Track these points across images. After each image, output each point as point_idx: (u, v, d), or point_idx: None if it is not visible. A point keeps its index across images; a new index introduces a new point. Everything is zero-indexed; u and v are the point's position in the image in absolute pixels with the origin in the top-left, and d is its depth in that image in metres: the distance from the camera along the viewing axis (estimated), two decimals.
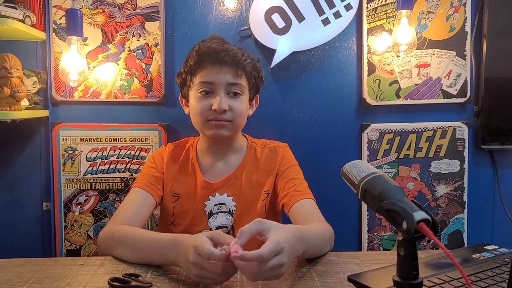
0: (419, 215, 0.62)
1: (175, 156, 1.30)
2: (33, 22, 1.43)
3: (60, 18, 1.51)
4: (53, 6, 1.51)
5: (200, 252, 0.80)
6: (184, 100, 1.30)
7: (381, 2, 1.55)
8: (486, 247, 1.00)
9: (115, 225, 1.09)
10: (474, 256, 0.95)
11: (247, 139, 1.34)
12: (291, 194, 1.19)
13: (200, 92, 1.19)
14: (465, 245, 1.62)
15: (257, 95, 1.32)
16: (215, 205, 1.24)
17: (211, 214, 1.24)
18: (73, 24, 1.36)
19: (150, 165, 1.29)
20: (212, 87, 1.18)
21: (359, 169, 0.74)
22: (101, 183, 1.55)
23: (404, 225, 0.63)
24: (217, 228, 1.23)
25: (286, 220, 1.24)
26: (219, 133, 1.20)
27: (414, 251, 0.65)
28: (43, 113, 1.52)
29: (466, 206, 1.61)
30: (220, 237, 0.84)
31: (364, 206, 1.62)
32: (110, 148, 1.54)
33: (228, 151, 1.28)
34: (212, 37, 1.25)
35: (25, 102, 1.43)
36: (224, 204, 1.24)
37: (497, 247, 1.01)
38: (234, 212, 1.24)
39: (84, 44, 1.51)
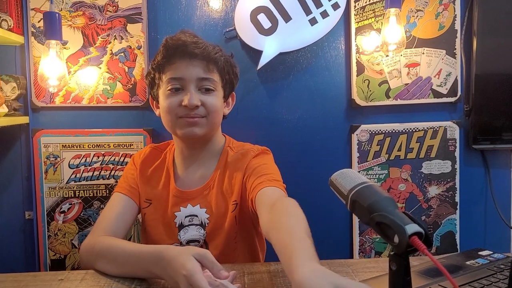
0: (412, 228, 0.59)
1: (151, 158, 1.22)
2: (10, 26, 1.38)
3: (38, 21, 1.46)
4: (31, 9, 1.46)
5: (193, 284, 0.74)
6: (154, 102, 1.19)
7: (369, 1, 1.52)
8: (480, 253, 0.98)
9: (96, 236, 1.04)
10: (468, 263, 0.92)
11: (225, 141, 1.22)
12: (253, 187, 1.05)
13: (169, 89, 1.09)
14: (458, 246, 1.60)
15: (233, 92, 1.22)
16: (186, 217, 1.14)
17: (181, 226, 1.14)
18: (52, 27, 1.31)
19: (129, 167, 1.22)
20: (182, 83, 1.08)
21: (348, 178, 0.70)
22: (85, 191, 1.50)
23: (396, 239, 0.60)
24: (188, 242, 1.13)
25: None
26: (191, 131, 1.09)
27: (406, 266, 0.61)
28: (23, 119, 1.47)
29: (458, 207, 1.59)
30: (209, 263, 0.78)
31: None
32: (94, 154, 1.50)
33: (201, 153, 1.17)
34: (182, 31, 1.13)
35: (3, 109, 1.38)
36: (196, 216, 1.14)
37: (491, 252, 0.98)
38: (206, 225, 1.13)
39: (64, 48, 1.46)
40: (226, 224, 1.13)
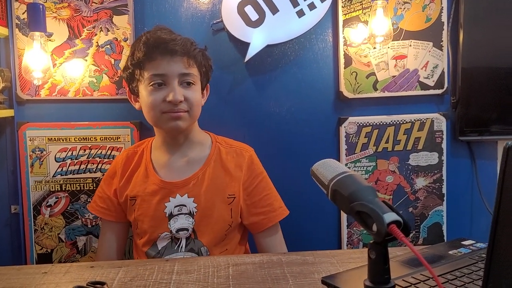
0: (390, 216, 0.60)
1: (128, 161, 1.28)
2: None
3: (23, 13, 1.44)
4: (16, 0, 1.44)
5: None
6: (132, 96, 1.25)
7: None
8: (463, 243, 0.99)
9: None
10: (450, 252, 0.93)
11: (210, 137, 1.30)
12: (264, 217, 1.23)
13: (152, 85, 1.15)
14: (445, 237, 1.61)
15: (208, 84, 1.30)
16: (175, 207, 1.19)
17: (171, 216, 1.20)
18: (36, 19, 1.29)
19: (102, 185, 1.31)
20: (164, 78, 1.14)
21: (329, 168, 0.70)
22: (72, 184, 1.49)
23: (374, 228, 0.60)
24: (178, 230, 1.19)
25: None
26: (176, 125, 1.16)
27: (385, 254, 0.62)
28: (8, 112, 1.45)
29: (445, 198, 1.60)
30: None
31: None
32: (80, 147, 1.49)
33: (183, 144, 1.24)
34: (158, 27, 1.20)
35: None
36: (185, 205, 1.20)
37: (474, 242, 0.99)
38: (195, 214, 1.20)
39: (49, 40, 1.45)
40: (217, 214, 1.20)
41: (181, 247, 1.20)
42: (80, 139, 1.48)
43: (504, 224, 0.56)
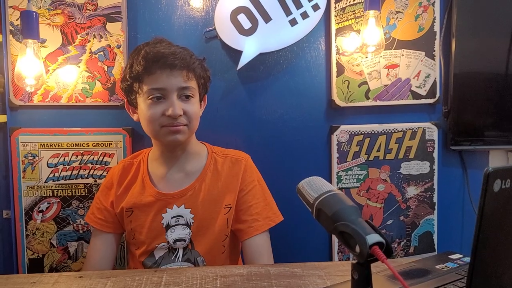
0: (373, 238, 0.60)
1: (124, 173, 1.27)
2: None
3: (17, 19, 1.44)
4: (10, 7, 1.44)
5: None
6: (131, 107, 1.25)
7: (349, 2, 1.52)
8: (450, 256, 0.99)
9: None
10: (437, 267, 0.93)
11: (206, 147, 1.30)
12: (249, 226, 1.21)
13: (150, 99, 1.14)
14: (436, 246, 1.62)
15: (205, 94, 1.29)
16: (172, 218, 1.20)
17: (168, 226, 1.20)
18: (29, 26, 1.29)
19: (98, 196, 1.29)
20: (164, 92, 1.13)
21: (315, 186, 0.71)
22: (64, 190, 1.49)
23: (357, 249, 0.61)
24: (175, 241, 1.20)
25: None
26: (175, 139, 1.15)
27: (368, 275, 0.63)
28: (1, 118, 1.45)
29: (436, 207, 1.61)
30: None
31: None
32: (72, 153, 1.49)
33: (181, 157, 1.23)
34: (157, 39, 1.19)
35: None
36: (182, 216, 1.20)
37: (461, 256, 0.99)
38: (192, 224, 1.20)
39: (43, 46, 1.45)
40: (213, 224, 1.20)
41: (178, 257, 1.20)
42: (72, 145, 1.49)
43: (484, 245, 0.57)
